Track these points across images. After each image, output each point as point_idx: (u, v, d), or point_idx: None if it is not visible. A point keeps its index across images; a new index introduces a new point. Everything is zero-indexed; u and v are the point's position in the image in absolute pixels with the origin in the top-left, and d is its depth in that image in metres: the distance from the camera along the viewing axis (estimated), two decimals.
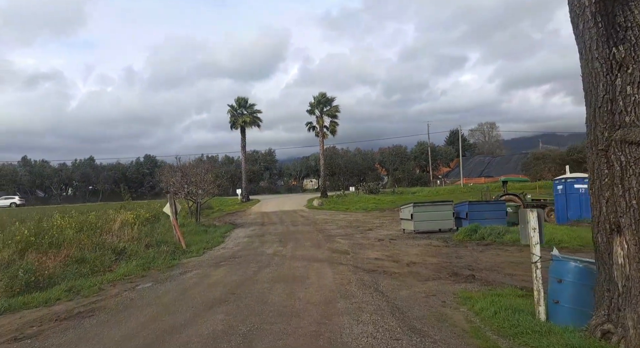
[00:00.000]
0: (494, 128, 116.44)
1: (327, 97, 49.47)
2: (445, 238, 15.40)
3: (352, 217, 28.11)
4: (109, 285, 8.95)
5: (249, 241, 16.62)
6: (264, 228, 21.93)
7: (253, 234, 19.32)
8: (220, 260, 11.85)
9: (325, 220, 26.24)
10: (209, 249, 15.13)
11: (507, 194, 24.33)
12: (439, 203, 17.59)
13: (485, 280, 8.60)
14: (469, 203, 17.43)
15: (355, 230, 19.50)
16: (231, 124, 50.20)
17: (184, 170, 21.87)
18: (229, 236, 19.31)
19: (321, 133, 49.51)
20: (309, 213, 32.11)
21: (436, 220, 17.27)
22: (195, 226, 21.77)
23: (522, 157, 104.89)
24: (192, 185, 21.41)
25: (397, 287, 8.00)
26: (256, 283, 8.22)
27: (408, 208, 17.33)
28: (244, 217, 31.99)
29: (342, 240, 15.65)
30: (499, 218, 17.15)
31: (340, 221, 25.20)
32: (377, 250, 13.10)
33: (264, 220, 27.95)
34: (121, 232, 15.55)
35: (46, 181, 57.89)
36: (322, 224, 23.21)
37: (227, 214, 35.20)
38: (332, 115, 49.72)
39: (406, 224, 17.60)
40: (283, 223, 24.90)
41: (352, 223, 23.33)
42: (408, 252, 12.75)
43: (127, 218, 20.22)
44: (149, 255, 13.27)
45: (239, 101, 50.12)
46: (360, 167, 65.08)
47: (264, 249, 13.73)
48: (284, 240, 16.43)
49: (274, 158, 69.97)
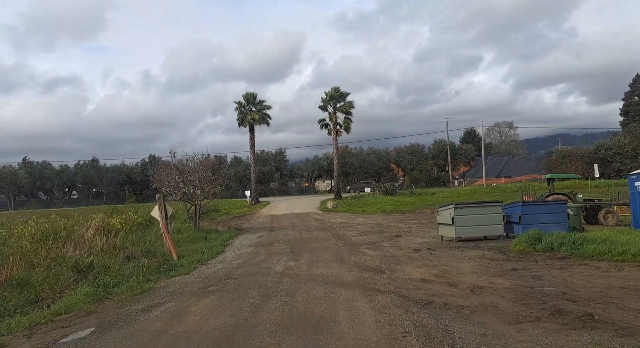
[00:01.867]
0: (511, 127, 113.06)
1: (340, 91, 46.34)
2: (500, 248, 12.21)
3: (372, 221, 24.96)
4: (22, 338, 5.82)
5: (253, 252, 13.57)
6: (272, 235, 18.88)
7: (259, 242, 16.28)
8: (210, 282, 8.79)
9: (342, 224, 23.12)
10: (204, 263, 12.11)
11: (555, 193, 21.02)
12: (487, 204, 14.38)
13: (614, 324, 5.46)
14: (523, 205, 14.20)
15: (380, 237, 16.36)
16: (239, 122, 47.34)
17: (180, 168, 18.88)
18: (231, 244, 16.30)
19: (334, 130, 46.41)
20: (323, 217, 29.02)
21: (482, 225, 14.07)
22: (194, 232, 18.82)
23: (542, 157, 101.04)
24: (190, 184, 18.42)
25: (483, 342, 4.88)
26: (252, 336, 5.12)
27: (448, 211, 14.16)
28: (251, 220, 29.01)
29: (370, 251, 12.52)
30: (560, 222, 13.94)
31: (359, 225, 22.08)
32: (418, 266, 9.97)
33: (274, 224, 24.91)
34: (95, 241, 12.59)
35: (47, 183, 55.66)
36: (340, 229, 20.10)
37: (233, 217, 32.25)
38: (346, 112, 46.58)
39: (445, 230, 14.43)
40: (295, 228, 21.83)
41: (375, 228, 20.20)
42: (460, 268, 9.60)
43: (112, 224, 17.34)
44: (124, 271, 10.33)
45: (247, 97, 47.24)
46: (375, 166, 61.80)
47: (271, 264, 10.65)
48: (296, 250, 13.35)
49: (285, 158, 66.99)
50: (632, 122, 68.17)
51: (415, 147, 65.38)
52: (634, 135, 58.52)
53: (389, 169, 64.58)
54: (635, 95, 70.64)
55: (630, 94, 71.37)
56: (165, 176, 18.77)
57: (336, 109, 46.46)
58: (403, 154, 65.68)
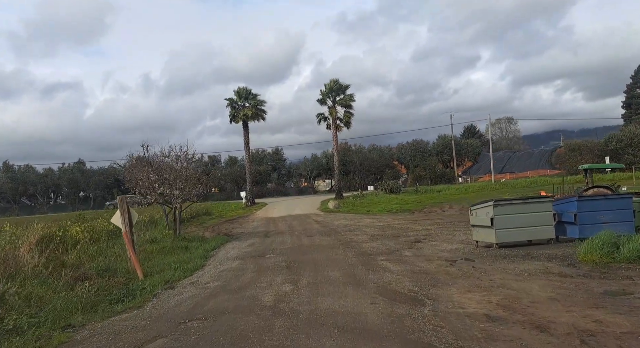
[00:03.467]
0: (512, 122, 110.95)
1: (340, 84, 43.34)
2: (562, 258, 9.26)
3: (380, 222, 22.00)
4: None
5: (238, 268, 10.56)
6: (266, 242, 15.89)
7: (249, 253, 13.28)
8: (160, 329, 5.75)
9: (347, 227, 20.15)
10: (171, 285, 9.14)
11: (595, 186, 18.08)
12: (533, 200, 11.39)
13: None
14: (579, 200, 11.24)
15: (397, 243, 13.40)
16: (231, 118, 44.28)
17: (154, 164, 15.88)
18: (214, 256, 13.30)
19: (334, 125, 43.42)
20: (325, 218, 26.06)
21: (528, 227, 11.10)
22: (173, 241, 15.83)
23: (546, 152, 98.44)
24: (166, 184, 15.43)
25: None
26: None
27: (485, 210, 11.19)
28: (244, 224, 26.03)
29: (391, 265, 9.54)
30: (625, 221, 11.03)
31: (367, 228, 19.12)
32: (467, 289, 7.02)
33: (269, 228, 21.93)
34: (26, 260, 9.59)
35: (30, 188, 52.48)
36: (346, 234, 17.14)
37: (226, 221, 29.27)
38: (346, 105, 43.60)
39: (482, 233, 11.46)
40: (293, 233, 18.85)
41: (386, 231, 17.25)
42: (529, 292, 6.66)
43: (71, 234, 14.37)
44: (55, 304, 7.37)
45: (240, 92, 44.21)
46: (377, 164, 58.75)
47: (259, 291, 7.65)
48: (294, 265, 10.36)
49: (282, 157, 63.89)
50: (634, 114, 66.36)
51: (419, 143, 62.31)
52: None
53: (391, 166, 61.57)
54: (638, 88, 68.53)
55: (633, 86, 69.32)
56: (139, 174, 15.78)
57: (335, 102, 43.50)
58: (406, 150, 62.65)
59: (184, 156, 16.49)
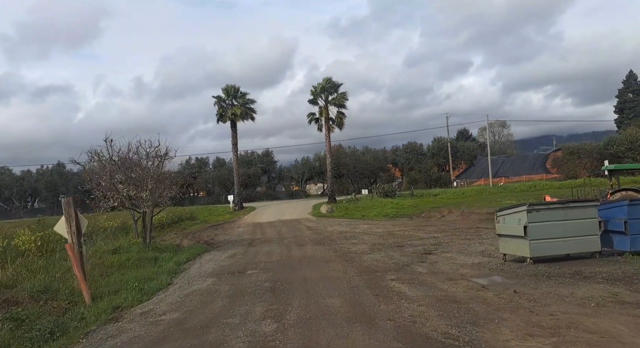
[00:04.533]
0: (505, 126, 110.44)
1: (332, 82, 41.25)
2: (623, 278, 7.20)
3: (378, 228, 19.88)
4: None
5: (209, 290, 8.33)
6: (250, 253, 13.65)
7: (227, 268, 11.04)
8: None
9: (343, 234, 18.00)
10: (117, 316, 6.91)
11: (623, 189, 16.14)
12: (575, 204, 9.31)
13: None
14: (631, 204, 9.18)
15: (404, 255, 11.26)
16: (218, 117, 41.94)
17: (119, 161, 13.59)
18: (185, 271, 11.06)
19: (326, 126, 41.27)
20: (318, 224, 23.87)
21: (569, 238, 8.99)
22: (141, 251, 13.55)
23: (540, 156, 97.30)
24: (132, 185, 13.15)
25: None
26: None
27: (516, 216, 9.08)
28: (229, 231, 23.75)
29: (406, 288, 7.38)
30: None
31: (366, 235, 16.99)
32: (526, 333, 4.88)
33: (256, 236, 19.70)
34: None
35: (6, 191, 49.61)
36: (343, 242, 14.98)
37: (209, 227, 26.97)
38: (339, 105, 41.51)
39: (511, 245, 9.33)
40: (282, 241, 16.64)
41: (388, 240, 15.12)
42: (625, 340, 4.55)
43: (15, 244, 12.09)
44: None
45: (228, 90, 41.92)
46: (371, 167, 56.65)
47: (227, 333, 5.43)
48: (280, 287, 8.15)
49: (273, 159, 61.46)
50: (626, 119, 65.84)
51: (413, 146, 60.29)
52: None
53: (385, 169, 59.53)
54: (629, 92, 68.03)
55: (624, 91, 68.76)
56: (101, 173, 13.49)
57: (328, 101, 41.40)
58: (400, 153, 60.60)
59: (154, 152, 14.21)
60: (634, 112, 65.85)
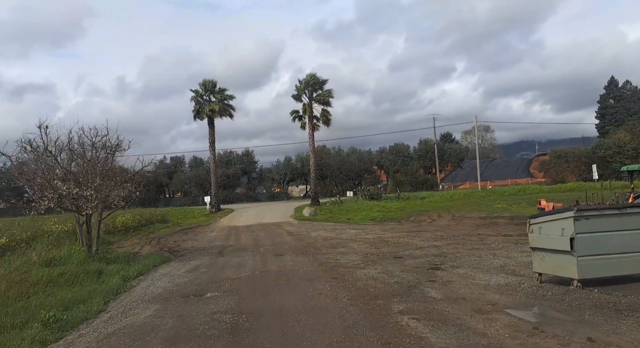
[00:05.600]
0: (488, 131, 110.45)
1: (317, 78, 39.05)
2: None
3: (367, 234, 17.68)
4: None
5: (145, 328, 5.94)
6: (217, 266, 11.24)
7: (181, 289, 8.63)
8: None
9: (329, 240, 15.73)
10: None
11: None
12: (635, 210, 7.20)
13: None
14: None
15: (406, 270, 9.05)
16: (195, 113, 39.37)
17: (56, 153, 11.05)
18: (129, 292, 8.63)
19: (310, 124, 39.01)
20: (300, 228, 21.56)
21: (630, 254, 6.91)
22: (84, 262, 11.06)
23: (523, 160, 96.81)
24: (72, 181, 10.64)
25: None
26: None
27: (559, 224, 6.92)
28: (201, 235, 21.27)
29: (424, 328, 5.13)
30: None
31: (355, 242, 14.75)
32: None
33: (228, 242, 17.28)
34: None
35: None
36: (329, 251, 12.70)
37: (180, 230, 24.42)
38: (324, 102, 39.29)
39: (552, 262, 7.16)
40: (257, 249, 14.28)
41: (381, 248, 12.92)
42: None
43: None
44: None
45: (206, 85, 39.37)
46: (356, 168, 54.52)
47: None
48: (245, 325, 5.81)
49: (253, 159, 58.77)
50: (608, 124, 65.82)
51: (400, 147, 58.35)
52: (634, 133, 53.54)
53: (370, 171, 57.47)
54: (611, 98, 67.96)
55: (606, 97, 68.69)
56: (37, 167, 10.95)
57: (312, 99, 39.16)
58: (386, 154, 58.59)
59: (100, 143, 11.66)
60: (614, 117, 65.85)
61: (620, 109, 65.68)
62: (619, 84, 68.29)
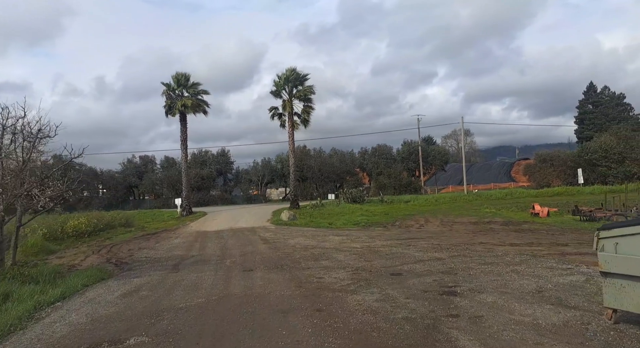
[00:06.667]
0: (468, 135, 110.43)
1: (297, 73, 36.71)
2: None
3: (354, 242, 15.36)
4: None
5: None
6: (164, 286, 8.72)
7: (99, 328, 6.11)
8: None
9: (309, 249, 13.34)
10: None
11: None
12: None
13: None
14: None
15: (414, 297, 6.74)
16: (166, 109, 36.54)
17: None
18: (24, 333, 6.07)
19: (290, 122, 36.60)
20: (277, 234, 19.11)
21: None
22: None
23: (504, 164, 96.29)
24: None
25: None
26: None
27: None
28: (162, 242, 18.62)
29: None
30: None
31: (339, 253, 12.41)
32: None
33: (190, 252, 14.71)
34: None
35: None
36: (310, 265, 10.31)
37: (141, 236, 21.70)
38: (304, 99, 36.96)
39: (635, 293, 4.94)
40: (223, 262, 11.79)
41: (372, 261, 10.62)
42: None
43: None
44: None
45: (178, 78, 36.62)
46: (337, 170, 52.21)
47: None
48: None
49: (229, 159, 55.84)
50: (587, 130, 65.85)
51: (382, 149, 56.30)
52: (619, 137, 52.77)
53: (352, 173, 55.26)
54: (589, 103, 67.93)
55: (584, 102, 68.73)
56: None
57: (292, 95, 36.78)
58: (368, 156, 56.47)
59: (16, 127, 9.02)
60: (593, 123, 65.77)
61: (599, 115, 65.76)
62: (598, 89, 68.31)
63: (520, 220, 22.25)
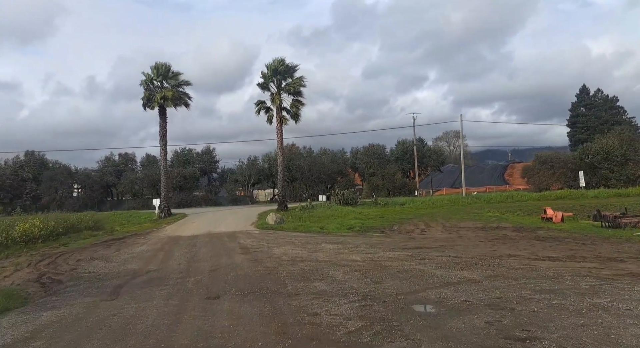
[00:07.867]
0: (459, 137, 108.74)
1: (286, 64, 33.67)
2: None
3: (353, 253, 12.53)
4: None
5: None
6: (80, 328, 5.84)
7: None
8: None
9: (298, 263, 10.50)
10: None
11: None
12: None
13: None
14: None
15: None
16: (145, 101, 33.33)
17: None
18: None
19: (278, 117, 33.60)
20: (260, 241, 16.22)
21: None
22: None
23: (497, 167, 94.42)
24: None
25: None
26: None
27: None
28: (123, 250, 15.62)
29: None
30: None
31: (336, 268, 9.62)
32: None
33: (148, 265, 11.74)
34: None
35: None
36: (298, 289, 7.48)
37: (103, 242, 18.68)
38: (294, 92, 33.97)
39: None
40: (184, 281, 8.91)
41: (383, 282, 7.85)
42: None
43: None
44: None
45: (158, 68, 33.43)
46: (328, 170, 49.38)
47: None
48: None
49: (214, 157, 52.57)
50: (579, 133, 64.82)
51: (375, 148, 53.54)
52: (622, 138, 50.73)
53: (344, 173, 52.45)
54: (582, 107, 66.62)
55: (577, 105, 67.48)
56: None
57: (281, 88, 33.82)
58: (361, 155, 53.69)
59: None
60: (586, 125, 64.44)
61: (592, 118, 64.48)
62: (590, 92, 67.04)
63: (532, 226, 19.73)
